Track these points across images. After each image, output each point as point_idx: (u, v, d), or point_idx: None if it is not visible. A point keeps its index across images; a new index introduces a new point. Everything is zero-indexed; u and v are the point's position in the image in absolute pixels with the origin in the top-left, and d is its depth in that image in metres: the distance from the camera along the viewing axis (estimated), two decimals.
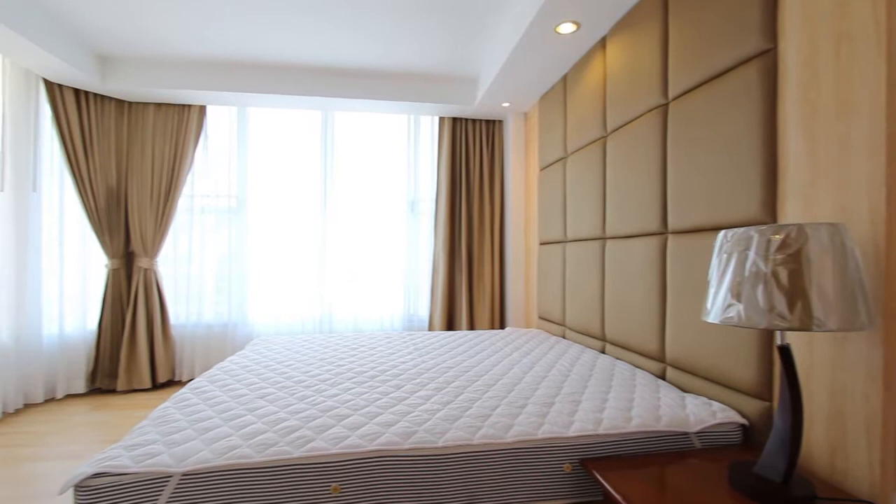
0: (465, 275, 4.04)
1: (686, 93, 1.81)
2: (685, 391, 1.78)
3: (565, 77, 3.00)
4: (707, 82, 1.69)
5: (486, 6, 2.70)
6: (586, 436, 1.39)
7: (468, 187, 4.12)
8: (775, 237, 1.01)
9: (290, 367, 2.11)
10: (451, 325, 4.08)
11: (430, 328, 4.08)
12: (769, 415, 1.42)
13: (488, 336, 2.91)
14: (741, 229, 1.08)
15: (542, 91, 3.39)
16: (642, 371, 2.01)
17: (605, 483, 1.21)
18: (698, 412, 1.50)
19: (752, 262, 1.03)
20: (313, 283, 4.01)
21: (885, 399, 1.11)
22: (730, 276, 1.08)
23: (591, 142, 2.61)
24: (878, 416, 1.12)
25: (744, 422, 1.47)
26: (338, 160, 4.05)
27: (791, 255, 0.99)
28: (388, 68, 3.56)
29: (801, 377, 1.33)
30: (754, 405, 1.46)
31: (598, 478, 1.24)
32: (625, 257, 2.22)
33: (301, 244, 4.01)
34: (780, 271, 0.99)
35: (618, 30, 2.33)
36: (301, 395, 1.70)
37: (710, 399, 1.64)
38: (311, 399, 1.65)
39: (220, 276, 3.90)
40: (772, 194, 1.43)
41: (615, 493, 1.15)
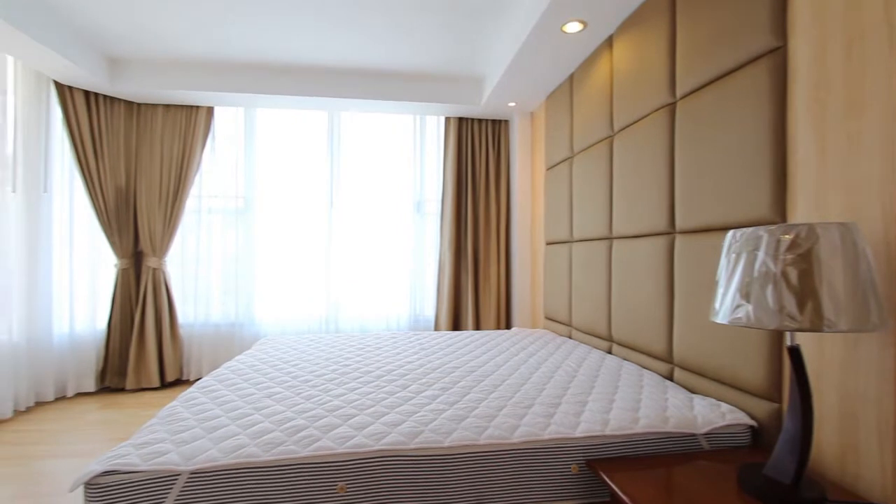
0: (471, 275, 4.03)
1: (694, 91, 1.79)
2: (693, 392, 1.77)
3: (572, 76, 2.99)
4: (715, 81, 1.68)
5: (492, 6, 2.70)
6: (593, 436, 1.39)
7: (474, 187, 4.12)
8: (785, 237, 1.00)
9: (296, 366, 2.12)
10: (456, 325, 4.08)
11: (436, 328, 4.08)
12: (778, 416, 1.40)
13: (494, 336, 2.90)
14: (750, 229, 1.07)
15: (548, 90, 3.37)
16: (649, 372, 2.00)
17: (611, 484, 1.20)
18: (706, 413, 1.49)
19: (762, 262, 1.02)
20: (320, 282, 4.03)
21: None
22: (739, 276, 1.07)
23: (598, 141, 2.60)
24: (890, 418, 1.10)
25: (753, 423, 1.46)
26: (344, 160, 4.06)
27: (801, 255, 0.98)
28: (393, 68, 3.57)
29: (811, 378, 1.32)
30: (763, 406, 1.44)
31: (605, 479, 1.24)
32: (632, 257, 2.21)
33: (307, 244, 4.03)
34: (790, 271, 0.98)
35: (625, 28, 2.32)
36: (308, 394, 1.71)
37: (719, 400, 1.63)
38: (318, 398, 1.66)
39: (228, 276, 3.93)
40: (781, 194, 1.41)
41: (622, 495, 1.15)
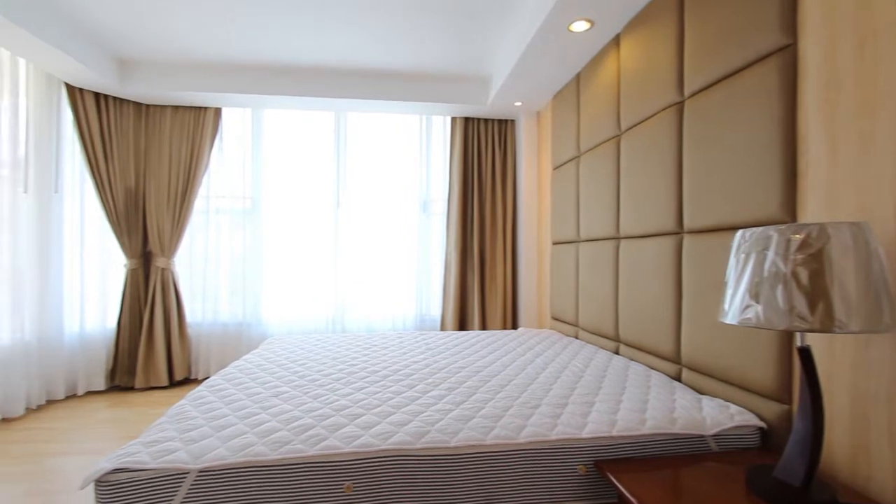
0: (478, 275, 4.03)
1: (702, 90, 1.78)
2: (701, 393, 1.76)
3: (578, 75, 2.97)
4: (724, 79, 1.67)
5: (498, 6, 2.69)
6: (600, 437, 1.38)
7: (480, 187, 4.12)
8: (795, 237, 0.99)
9: (303, 365, 2.13)
10: (463, 325, 4.08)
11: (442, 328, 4.08)
12: (788, 418, 1.39)
13: (501, 336, 2.90)
14: (760, 228, 1.06)
15: (555, 90, 3.36)
16: (657, 372, 1.99)
17: (619, 485, 1.20)
18: (715, 414, 1.48)
19: (772, 262, 1.01)
20: (326, 282, 4.04)
21: None
22: (748, 276, 1.06)
23: (605, 140, 2.58)
24: None
25: (762, 425, 1.44)
26: (350, 161, 4.07)
27: (812, 255, 0.97)
28: (400, 69, 3.58)
29: (821, 379, 1.30)
30: (773, 408, 1.43)
31: (613, 480, 1.23)
32: (639, 257, 2.20)
33: (314, 244, 4.05)
34: (800, 271, 0.97)
35: (632, 27, 2.30)
36: (315, 393, 1.72)
37: (727, 401, 1.61)
38: (325, 398, 1.66)
39: (235, 276, 3.95)
40: (791, 193, 1.40)
41: (630, 496, 1.14)
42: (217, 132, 3.85)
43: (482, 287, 4.09)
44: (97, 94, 3.49)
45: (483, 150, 4.10)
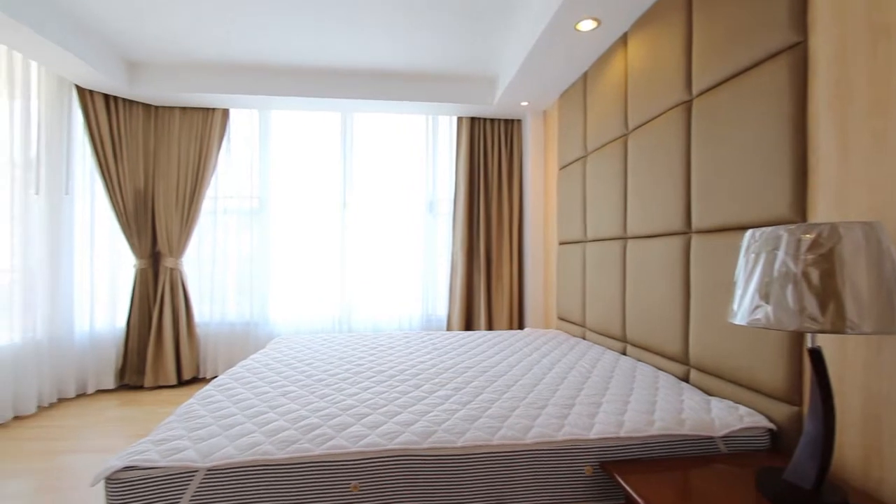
0: (484, 275, 4.03)
1: (711, 89, 1.76)
2: (710, 394, 1.74)
3: (585, 74, 2.96)
4: (733, 78, 1.65)
5: (504, 5, 2.69)
6: (607, 438, 1.37)
7: (486, 187, 4.11)
8: (806, 236, 0.98)
9: (310, 365, 2.14)
10: (469, 325, 4.08)
11: (449, 328, 4.08)
12: (798, 419, 1.37)
13: (507, 336, 2.89)
14: (769, 228, 1.05)
15: (561, 89, 3.35)
16: (665, 373, 1.98)
17: (627, 487, 1.19)
18: (724, 416, 1.46)
19: (782, 262, 1.00)
20: (333, 282, 4.06)
21: None
22: (757, 276, 1.05)
23: (612, 140, 2.57)
24: None
25: (772, 426, 1.43)
26: (357, 161, 4.08)
27: (823, 255, 0.96)
28: (406, 69, 3.58)
29: (832, 380, 1.29)
30: (783, 409, 1.42)
31: (620, 481, 1.22)
32: (647, 257, 2.19)
33: (321, 244, 4.06)
34: (811, 272, 0.96)
35: (640, 26, 2.29)
36: (321, 393, 1.72)
37: (736, 403, 1.60)
38: (332, 397, 1.67)
39: (242, 276, 3.98)
40: (801, 193, 1.38)
41: (637, 498, 1.13)
42: (225, 133, 3.88)
43: (488, 287, 4.08)
44: (107, 96, 3.53)
45: (489, 149, 4.09)
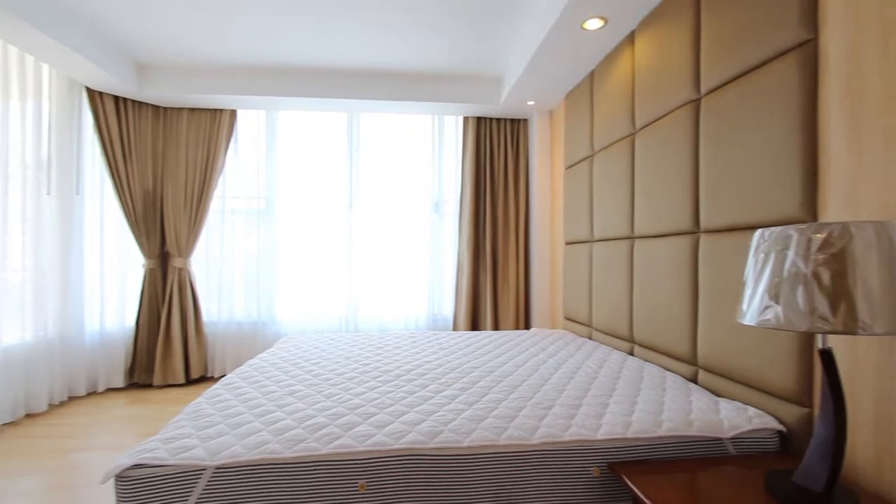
0: (490, 275, 4.02)
1: (720, 87, 1.75)
2: (718, 395, 1.73)
3: (592, 73, 2.95)
4: (742, 76, 1.64)
5: (510, 4, 2.68)
6: (615, 439, 1.37)
7: (493, 187, 4.10)
8: (817, 236, 0.97)
9: (317, 364, 2.15)
10: (475, 325, 4.07)
11: (455, 328, 4.08)
12: (809, 421, 1.36)
13: (513, 336, 2.89)
14: (779, 228, 1.04)
15: (568, 88, 3.34)
16: (673, 374, 1.96)
17: (634, 488, 1.18)
18: (732, 417, 1.45)
19: (792, 262, 0.99)
20: (339, 282, 4.07)
21: None
22: (767, 276, 1.04)
23: (619, 139, 2.56)
24: None
25: (781, 428, 1.41)
26: (363, 161, 4.10)
27: (834, 255, 0.94)
28: (412, 69, 3.58)
29: (843, 381, 1.27)
30: (793, 411, 1.40)
31: (628, 482, 1.22)
32: (654, 257, 2.17)
33: (327, 244, 4.08)
34: (821, 272, 0.95)
35: (647, 24, 2.28)
36: (328, 392, 1.73)
37: (745, 404, 1.58)
38: (339, 397, 1.68)
39: (250, 276, 4.00)
40: (811, 192, 1.37)
41: (646, 499, 1.13)
42: (232, 134, 3.90)
43: (494, 287, 4.08)
44: (116, 98, 3.57)
45: (495, 149, 4.09)
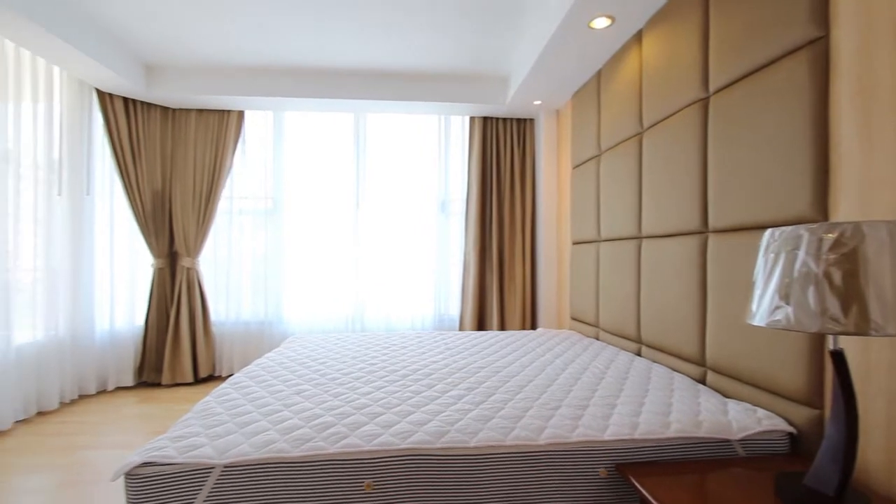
0: (496, 275, 4.01)
1: (729, 85, 1.73)
2: (727, 396, 1.71)
3: (599, 73, 2.93)
4: (751, 74, 1.62)
5: (517, 4, 2.68)
6: (622, 440, 1.36)
7: (499, 186, 4.10)
8: (828, 236, 0.95)
9: (324, 364, 2.16)
10: (481, 325, 4.07)
11: (461, 328, 4.08)
12: (820, 423, 1.34)
13: (520, 336, 2.88)
14: (789, 227, 1.03)
15: (574, 88, 3.33)
16: (681, 375, 1.95)
17: (642, 490, 1.18)
18: (742, 419, 1.44)
19: (802, 262, 0.98)
20: (346, 282, 4.09)
21: None
22: (777, 276, 1.02)
23: (627, 138, 2.54)
24: None
25: (791, 430, 1.40)
26: (370, 161, 4.11)
27: (845, 255, 0.93)
28: (418, 69, 3.59)
29: (855, 383, 1.26)
30: (803, 413, 1.39)
31: (636, 484, 1.21)
32: (662, 257, 2.16)
33: (334, 244, 4.10)
34: (833, 272, 0.94)
35: (655, 22, 2.26)
36: (335, 392, 1.73)
37: (755, 405, 1.57)
38: (345, 396, 1.68)
39: (257, 276, 4.03)
40: (822, 191, 1.35)
41: (654, 501, 1.12)
42: (240, 135, 3.93)
43: (501, 287, 4.07)
44: (126, 99, 3.60)
45: (502, 149, 4.08)
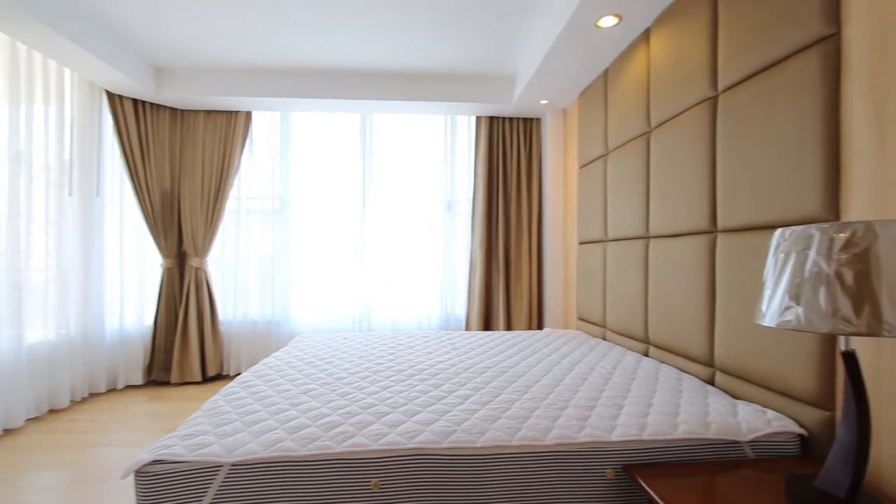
0: (503, 274, 4.01)
1: (738, 84, 1.72)
2: (736, 398, 1.70)
3: (606, 72, 2.92)
4: (761, 72, 1.60)
5: (523, 3, 2.67)
6: (630, 441, 1.35)
7: (505, 186, 4.09)
8: (840, 235, 0.94)
9: (330, 363, 2.16)
10: (487, 324, 4.06)
11: (467, 328, 4.07)
12: (831, 425, 1.33)
13: (526, 337, 2.87)
14: (800, 227, 1.02)
15: (581, 87, 3.31)
16: (689, 375, 1.93)
17: (650, 491, 1.17)
18: (751, 420, 1.42)
19: (813, 262, 0.97)
20: (352, 282, 4.10)
21: None
22: (787, 276, 1.01)
23: (634, 137, 2.53)
24: None
25: (802, 432, 1.38)
26: (376, 162, 4.12)
27: (857, 255, 0.92)
28: (424, 69, 3.59)
29: (867, 384, 1.24)
30: (814, 414, 1.37)
31: (644, 485, 1.20)
32: (670, 257, 2.14)
33: (341, 244, 4.11)
34: (844, 272, 0.93)
35: (662, 20, 2.25)
36: (342, 391, 1.74)
37: (764, 407, 1.55)
38: (352, 396, 1.69)
39: (264, 275, 4.05)
40: (834, 190, 1.33)
41: (661, 502, 1.11)
42: (247, 135, 3.95)
43: (507, 287, 4.06)
44: (135, 101, 3.64)
45: (508, 149, 4.07)
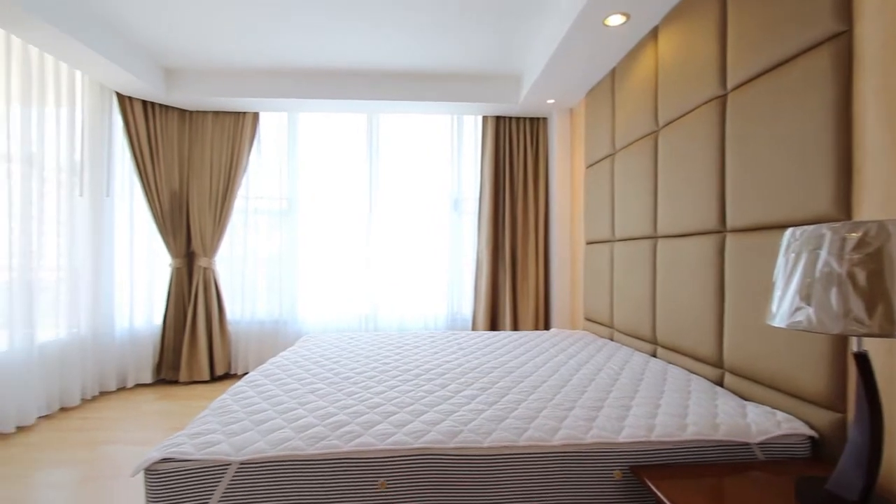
0: (509, 274, 4.00)
1: (747, 82, 1.70)
2: (745, 399, 1.68)
3: (613, 71, 2.90)
4: (771, 70, 1.59)
5: (529, 2, 2.66)
6: (638, 442, 1.34)
7: (512, 186, 4.08)
8: (852, 235, 0.93)
9: (337, 363, 2.17)
10: (494, 324, 4.06)
11: (474, 328, 4.07)
12: (842, 427, 1.31)
13: (533, 337, 2.87)
14: (811, 227, 1.01)
15: (588, 86, 3.30)
16: (697, 376, 1.92)
17: (658, 492, 1.16)
18: (761, 422, 1.41)
19: (825, 262, 0.95)
20: (359, 281, 4.11)
21: None
22: (798, 276, 1.00)
23: (642, 137, 2.51)
24: None
25: (813, 434, 1.37)
26: (383, 162, 4.13)
27: (870, 255, 0.91)
28: (431, 69, 3.59)
29: (880, 386, 1.22)
30: (825, 416, 1.35)
31: (651, 487, 1.20)
32: (678, 257, 2.13)
33: (348, 244, 4.12)
34: (857, 272, 0.91)
35: (671, 19, 2.23)
36: (349, 391, 1.75)
37: (774, 408, 1.54)
38: (359, 395, 1.69)
39: (272, 275, 4.08)
40: (846, 189, 1.32)
41: None
42: (255, 136, 3.98)
43: (514, 287, 4.06)
44: (145, 102, 3.68)
45: (515, 148, 4.06)
